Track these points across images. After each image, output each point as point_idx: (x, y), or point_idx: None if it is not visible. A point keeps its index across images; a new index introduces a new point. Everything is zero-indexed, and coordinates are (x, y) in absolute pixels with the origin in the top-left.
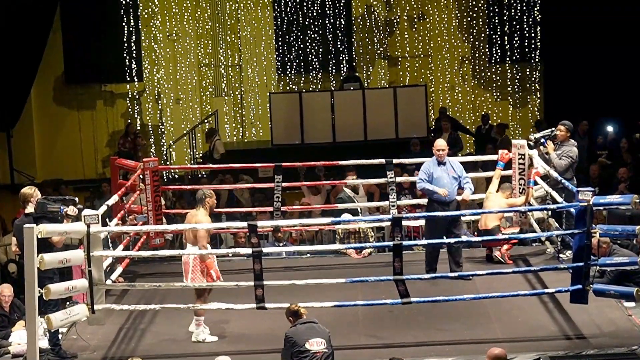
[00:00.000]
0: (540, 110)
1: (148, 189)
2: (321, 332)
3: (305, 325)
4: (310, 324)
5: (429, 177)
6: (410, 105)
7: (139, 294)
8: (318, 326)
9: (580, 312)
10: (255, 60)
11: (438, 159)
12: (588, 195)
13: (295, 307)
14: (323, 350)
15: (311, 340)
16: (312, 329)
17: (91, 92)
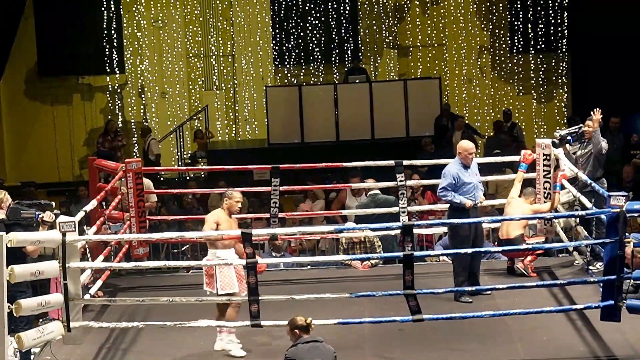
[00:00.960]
0: (567, 106)
1: (130, 193)
2: (325, 352)
3: (309, 345)
4: (314, 343)
5: (457, 183)
6: (423, 100)
7: (121, 310)
8: (322, 345)
9: (612, 331)
10: (249, 50)
11: (465, 162)
12: (621, 200)
13: (306, 321)
14: None
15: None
16: (315, 350)
17: (67, 84)
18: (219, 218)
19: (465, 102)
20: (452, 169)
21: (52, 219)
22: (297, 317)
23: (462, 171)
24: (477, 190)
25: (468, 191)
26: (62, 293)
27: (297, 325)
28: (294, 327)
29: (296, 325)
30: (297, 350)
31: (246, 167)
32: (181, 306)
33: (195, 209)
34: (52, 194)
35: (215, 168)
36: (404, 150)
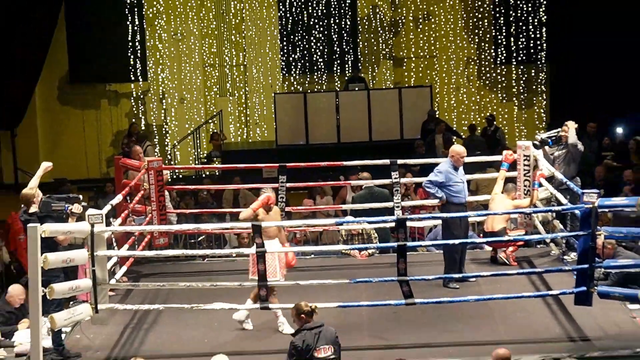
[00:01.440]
0: (546, 112)
1: (152, 189)
2: (328, 336)
3: (313, 332)
4: (317, 329)
5: (448, 181)
6: (416, 106)
7: (143, 294)
8: (325, 329)
9: (585, 314)
10: (260, 60)
11: (456, 164)
12: (593, 197)
13: (311, 307)
14: (331, 357)
15: (319, 347)
16: (319, 335)
17: (95, 91)
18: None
19: (453, 108)
20: (444, 168)
21: (80, 211)
22: (302, 303)
23: (452, 171)
24: (465, 190)
25: (457, 189)
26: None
27: (302, 310)
28: (300, 312)
29: (302, 310)
30: (303, 337)
31: (256, 165)
32: (197, 291)
33: (209, 204)
34: (82, 190)
35: (229, 167)
36: (398, 151)
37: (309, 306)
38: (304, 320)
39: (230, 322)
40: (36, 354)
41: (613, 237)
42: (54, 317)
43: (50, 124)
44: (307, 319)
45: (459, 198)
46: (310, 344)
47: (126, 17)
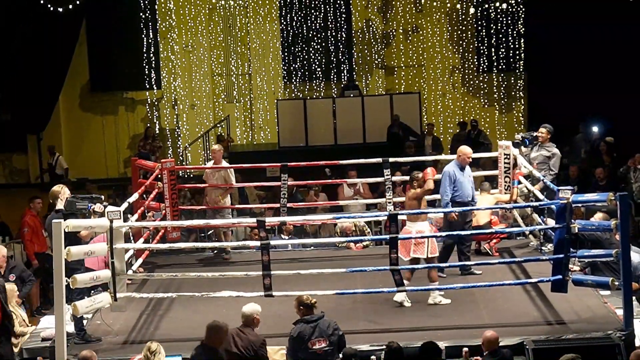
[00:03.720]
0: (524, 116)
1: (166, 188)
2: (324, 329)
3: (310, 325)
4: (315, 322)
5: (454, 181)
6: (405, 111)
7: (157, 283)
8: (322, 322)
9: (561, 300)
10: (263, 69)
11: (462, 164)
12: (568, 193)
13: (311, 300)
14: (324, 349)
15: (314, 339)
16: (315, 327)
17: (114, 99)
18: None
19: (440, 113)
20: (449, 169)
21: (101, 210)
22: (304, 296)
23: (458, 171)
24: (471, 190)
25: (460, 188)
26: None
27: (303, 302)
28: (301, 304)
29: (302, 302)
30: (299, 328)
31: (260, 165)
32: (207, 281)
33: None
34: (102, 188)
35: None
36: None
37: (310, 300)
38: (303, 312)
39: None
40: (60, 338)
41: (586, 230)
42: (76, 305)
43: (72, 129)
44: (305, 311)
45: (461, 197)
46: (305, 335)
47: (141, 31)
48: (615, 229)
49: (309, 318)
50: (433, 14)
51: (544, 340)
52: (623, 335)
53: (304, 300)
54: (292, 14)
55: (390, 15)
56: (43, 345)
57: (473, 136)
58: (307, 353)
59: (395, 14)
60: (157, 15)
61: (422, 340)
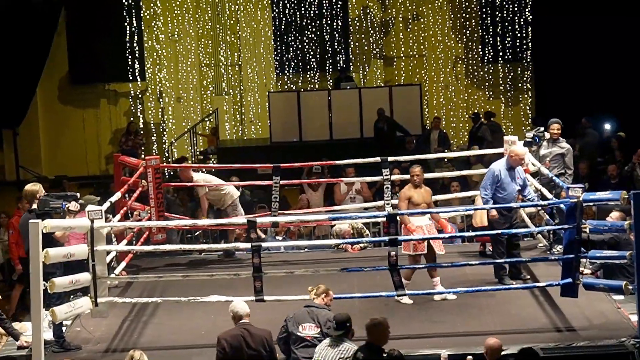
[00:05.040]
0: (531, 109)
1: (150, 186)
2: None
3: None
4: (309, 307)
5: (498, 181)
6: (406, 104)
7: (141, 287)
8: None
9: (571, 305)
10: (254, 60)
11: (512, 164)
12: (578, 191)
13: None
14: (314, 336)
15: (305, 324)
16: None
17: (95, 91)
18: (408, 193)
19: (442, 106)
20: (495, 168)
21: (77, 209)
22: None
23: (505, 172)
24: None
25: (507, 190)
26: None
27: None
28: (321, 293)
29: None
30: (297, 310)
31: (251, 165)
32: (193, 285)
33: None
34: (82, 187)
35: (224, 166)
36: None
37: (319, 288)
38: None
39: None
40: (38, 346)
41: (598, 230)
42: (54, 311)
43: (51, 123)
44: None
45: (505, 198)
46: (299, 319)
47: (124, 19)
48: (629, 230)
49: (310, 303)
50: (435, 1)
51: (553, 348)
52: (637, 343)
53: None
54: (285, 1)
55: (389, 2)
56: (19, 354)
57: (474, 130)
58: (295, 335)
59: (395, 0)
60: (141, 2)
61: (423, 348)
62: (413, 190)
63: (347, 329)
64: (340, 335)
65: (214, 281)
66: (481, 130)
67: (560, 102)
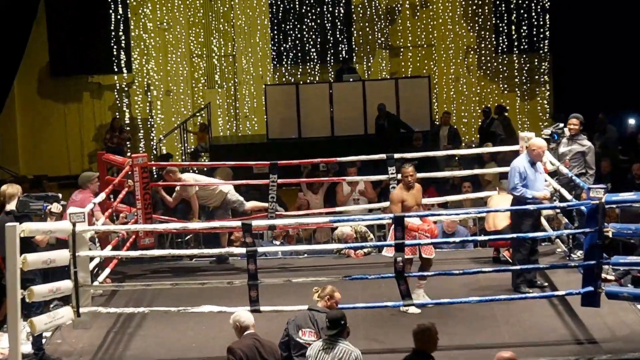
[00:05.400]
0: (549, 103)
1: (137, 187)
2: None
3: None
4: (315, 312)
5: (524, 180)
6: (413, 98)
7: (127, 296)
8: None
9: (592, 315)
10: (249, 50)
11: (535, 159)
12: (600, 192)
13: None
14: (312, 341)
15: (305, 329)
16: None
17: (77, 84)
18: (401, 196)
19: (453, 100)
20: (519, 164)
21: (59, 210)
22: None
23: (529, 167)
24: (542, 187)
25: (532, 187)
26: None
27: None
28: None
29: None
30: (300, 313)
31: (246, 163)
32: (184, 293)
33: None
34: (63, 187)
35: (217, 164)
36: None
37: (324, 289)
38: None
39: (219, 326)
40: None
41: (621, 235)
42: (33, 321)
43: (30, 119)
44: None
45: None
46: (300, 323)
47: (109, 6)
48: None
49: (314, 306)
50: None
51: None
52: None
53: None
54: None
55: None
56: None
57: (485, 125)
58: (295, 341)
59: None
60: None
61: None
62: (405, 192)
63: (341, 327)
64: (334, 335)
65: (206, 290)
66: (493, 125)
67: (581, 95)
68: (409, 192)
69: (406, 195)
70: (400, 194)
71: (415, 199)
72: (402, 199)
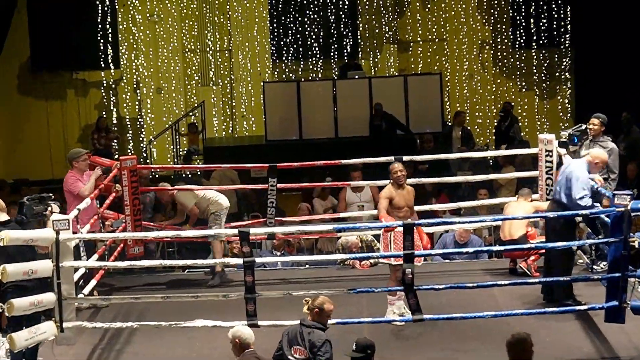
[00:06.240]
0: (571, 102)
1: (125, 192)
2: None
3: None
4: (308, 328)
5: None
6: (424, 96)
7: (114, 310)
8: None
9: (617, 332)
10: (247, 45)
11: (593, 170)
12: (626, 199)
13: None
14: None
15: (296, 346)
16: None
17: (61, 80)
18: (391, 193)
19: (466, 98)
20: (585, 174)
21: (57, 211)
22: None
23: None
24: None
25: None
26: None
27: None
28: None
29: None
30: (292, 327)
31: (243, 166)
32: (176, 307)
33: None
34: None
35: (211, 166)
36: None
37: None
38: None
39: (213, 342)
40: None
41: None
42: (13, 337)
43: (8, 118)
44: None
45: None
46: (292, 338)
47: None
48: None
49: (307, 322)
50: None
51: None
52: None
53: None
54: None
55: None
56: None
57: (503, 128)
58: (286, 357)
59: None
60: None
61: None
62: (394, 191)
63: (367, 356)
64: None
65: (200, 303)
66: (513, 129)
67: (605, 93)
68: (398, 191)
69: (395, 194)
70: (389, 191)
71: (405, 200)
72: (389, 196)
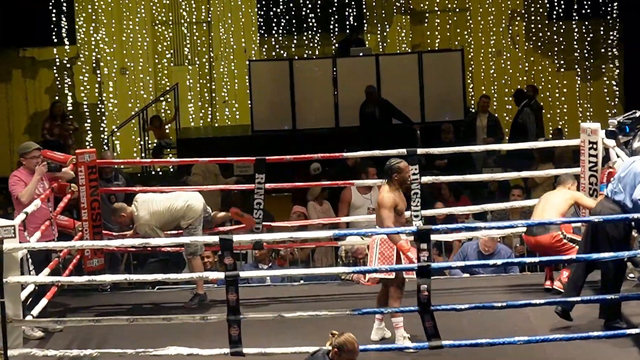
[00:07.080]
0: (619, 84)
1: (83, 192)
2: None
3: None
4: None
5: None
6: (442, 77)
7: (70, 335)
8: None
9: None
10: (229, 16)
11: None
12: None
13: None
14: None
15: None
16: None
17: (5, 58)
18: (394, 200)
19: (493, 79)
20: None
21: None
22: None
23: None
24: None
25: None
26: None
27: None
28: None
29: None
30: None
31: (224, 159)
32: (144, 331)
33: None
34: None
35: (187, 161)
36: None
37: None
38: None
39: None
40: None
41: None
42: None
43: None
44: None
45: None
46: None
47: None
48: None
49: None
50: None
51: None
52: None
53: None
54: None
55: None
56: None
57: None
58: None
59: None
60: None
61: None
62: (397, 195)
63: None
64: None
65: (173, 327)
66: (522, 114)
67: None
68: (397, 194)
69: (398, 199)
70: (392, 197)
71: (404, 204)
72: (394, 202)
